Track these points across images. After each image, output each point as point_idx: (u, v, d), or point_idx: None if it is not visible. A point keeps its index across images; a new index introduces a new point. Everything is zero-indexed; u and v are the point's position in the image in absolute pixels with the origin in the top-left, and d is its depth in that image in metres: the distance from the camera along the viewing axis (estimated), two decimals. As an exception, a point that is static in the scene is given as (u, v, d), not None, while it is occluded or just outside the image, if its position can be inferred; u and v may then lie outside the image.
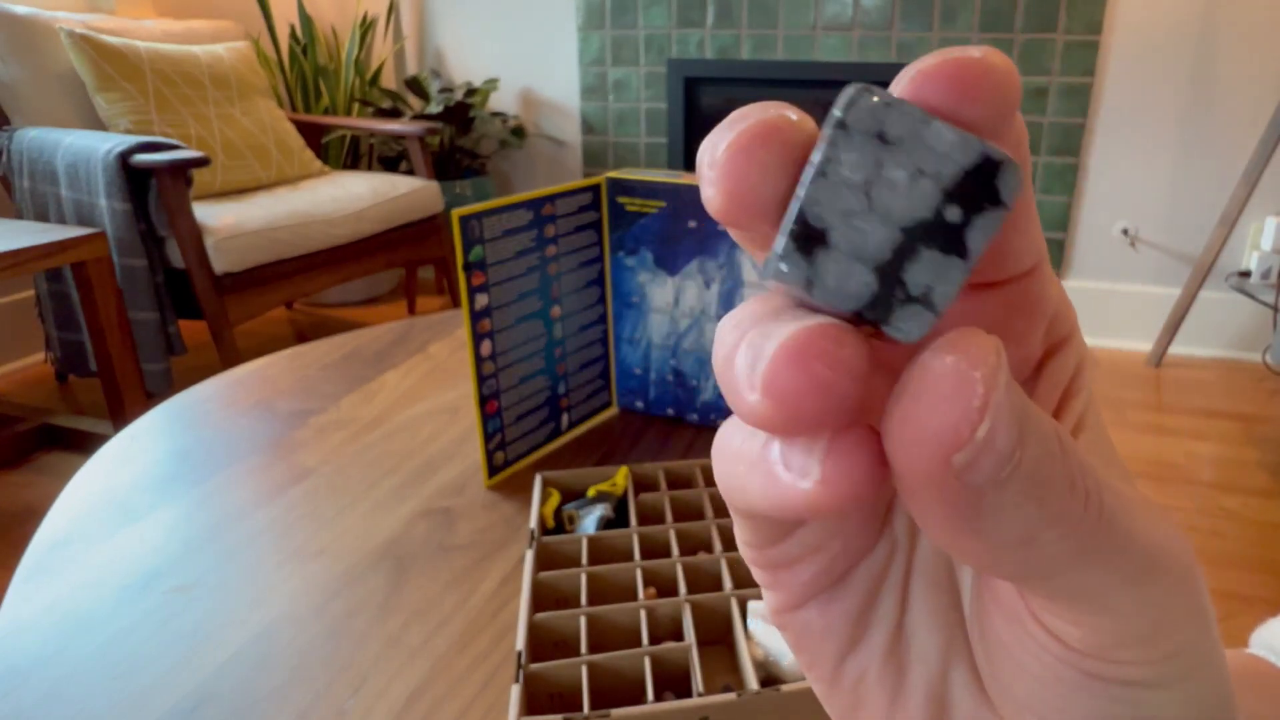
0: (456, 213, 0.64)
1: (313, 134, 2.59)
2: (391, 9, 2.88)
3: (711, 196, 0.13)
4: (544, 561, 0.58)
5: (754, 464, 0.12)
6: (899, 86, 0.12)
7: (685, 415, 0.82)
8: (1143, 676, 0.13)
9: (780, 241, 0.12)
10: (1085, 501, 0.11)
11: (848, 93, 0.12)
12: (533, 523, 0.60)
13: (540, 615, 0.51)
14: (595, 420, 0.84)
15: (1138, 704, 0.13)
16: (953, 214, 0.11)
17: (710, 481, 0.67)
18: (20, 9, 2.03)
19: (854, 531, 0.15)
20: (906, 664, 0.16)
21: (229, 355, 1.87)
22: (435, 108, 2.66)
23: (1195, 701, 0.13)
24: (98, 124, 2.09)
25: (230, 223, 1.87)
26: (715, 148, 0.12)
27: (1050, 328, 0.15)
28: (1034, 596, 0.12)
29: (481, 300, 0.68)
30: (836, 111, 0.12)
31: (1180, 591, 0.13)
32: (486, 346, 0.69)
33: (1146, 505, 0.13)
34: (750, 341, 0.12)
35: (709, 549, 0.59)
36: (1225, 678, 0.14)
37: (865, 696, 0.16)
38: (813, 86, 2.54)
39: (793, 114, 0.12)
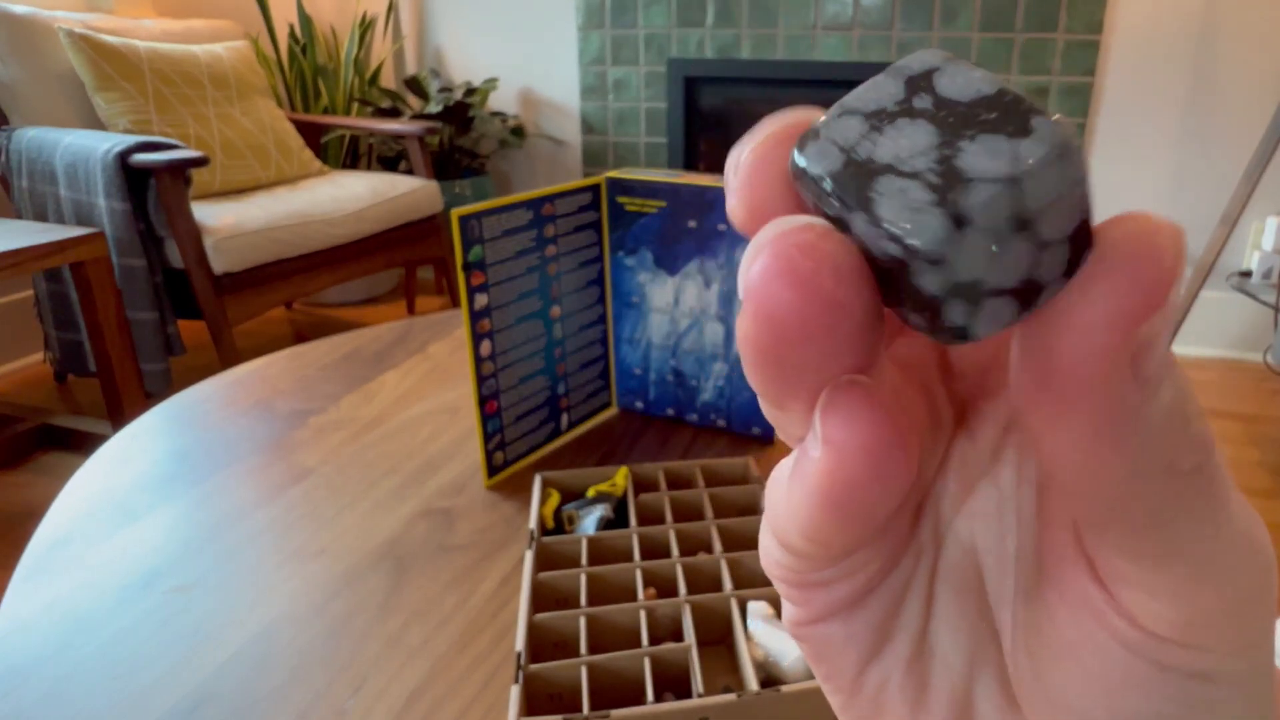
0: (456, 212, 0.64)
1: (312, 134, 2.59)
2: (391, 8, 2.88)
3: (734, 207, 0.12)
4: (544, 562, 0.58)
5: (795, 480, 0.12)
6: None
7: (685, 415, 0.82)
8: (1216, 667, 0.12)
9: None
10: (1194, 466, 0.11)
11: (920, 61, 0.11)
12: (532, 523, 0.60)
13: (540, 616, 0.51)
14: (595, 420, 0.83)
15: (1197, 702, 0.12)
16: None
17: (710, 482, 0.67)
18: (19, 8, 2.03)
19: (892, 545, 0.15)
20: (930, 671, 0.15)
21: (228, 355, 1.86)
22: (435, 107, 2.66)
23: (1253, 703, 0.13)
24: (97, 124, 2.09)
25: (229, 223, 1.87)
26: (738, 157, 0.12)
27: None
28: (1130, 562, 0.12)
29: (481, 300, 0.68)
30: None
31: (1269, 576, 0.12)
32: (486, 346, 0.69)
33: (1240, 498, 0.12)
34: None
35: (709, 549, 0.59)
36: (1274, 690, 0.14)
37: (886, 705, 0.15)
38: (813, 86, 2.53)
39: (818, 115, 0.12)
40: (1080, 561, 0.13)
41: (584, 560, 0.57)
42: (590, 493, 0.65)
